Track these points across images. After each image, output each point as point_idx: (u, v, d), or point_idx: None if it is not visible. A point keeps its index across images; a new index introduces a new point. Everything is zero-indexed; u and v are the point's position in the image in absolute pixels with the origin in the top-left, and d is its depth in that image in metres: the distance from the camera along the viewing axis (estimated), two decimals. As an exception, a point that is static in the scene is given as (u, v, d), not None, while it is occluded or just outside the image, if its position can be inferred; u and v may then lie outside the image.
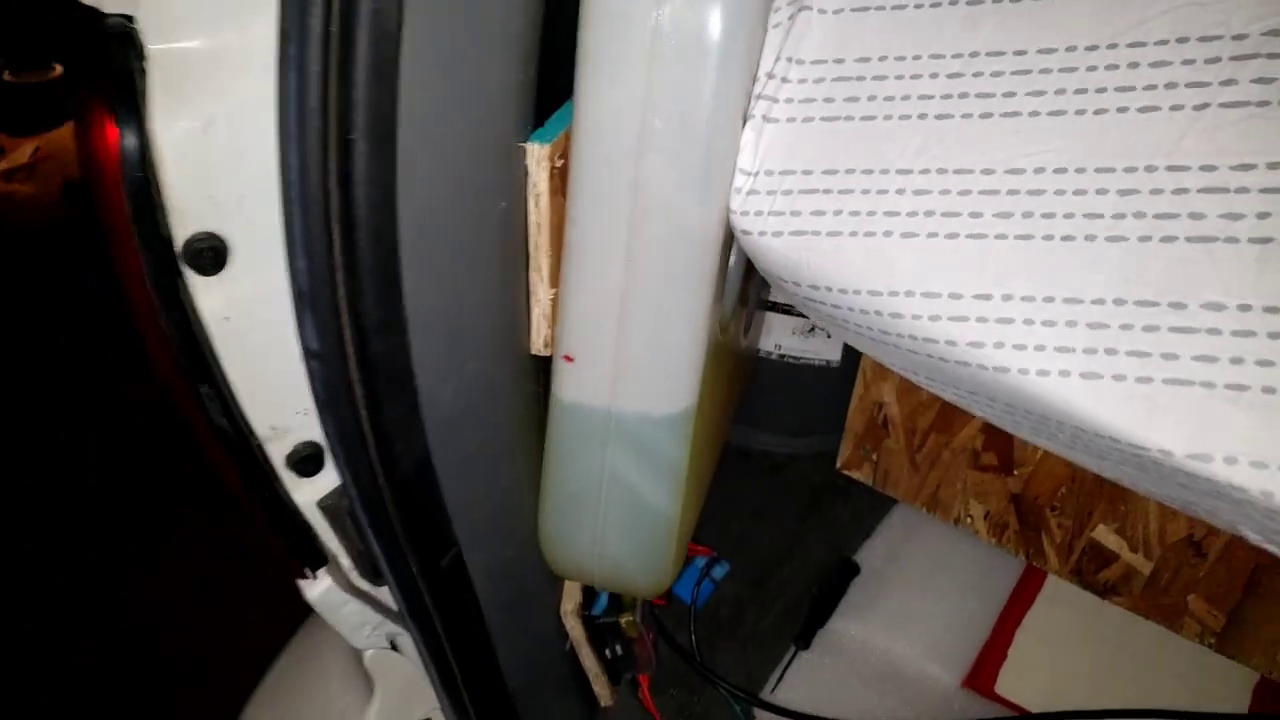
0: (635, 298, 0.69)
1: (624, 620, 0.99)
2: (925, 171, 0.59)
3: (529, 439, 0.81)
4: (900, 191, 0.60)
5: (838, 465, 1.34)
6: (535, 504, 0.83)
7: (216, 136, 0.56)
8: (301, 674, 1.05)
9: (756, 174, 0.65)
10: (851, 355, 1.41)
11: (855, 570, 1.41)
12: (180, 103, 0.54)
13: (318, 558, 0.80)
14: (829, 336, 1.40)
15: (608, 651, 1.02)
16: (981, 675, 1.30)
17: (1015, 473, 1.16)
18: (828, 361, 1.42)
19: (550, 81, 0.69)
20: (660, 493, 0.78)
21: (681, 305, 0.69)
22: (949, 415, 1.18)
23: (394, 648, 0.96)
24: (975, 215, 0.57)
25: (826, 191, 0.62)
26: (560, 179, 0.70)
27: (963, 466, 1.21)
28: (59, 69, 3.51)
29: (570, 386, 0.75)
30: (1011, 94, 0.56)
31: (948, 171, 0.59)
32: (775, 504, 1.48)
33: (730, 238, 0.69)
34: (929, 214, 0.59)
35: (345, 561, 0.82)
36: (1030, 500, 1.16)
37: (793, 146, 0.64)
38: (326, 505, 0.75)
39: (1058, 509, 1.13)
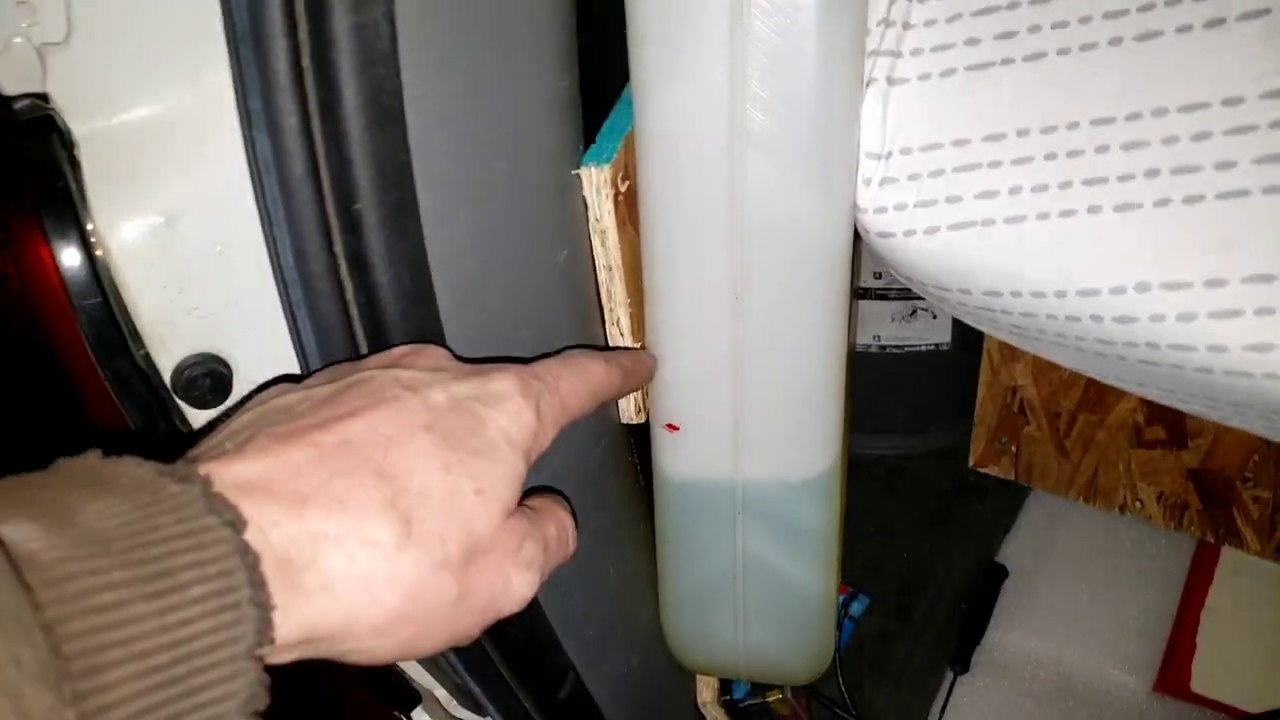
0: (751, 340, 0.53)
1: (772, 699, 0.84)
2: (1135, 116, 0.43)
3: (634, 526, 0.66)
4: (1102, 149, 0.44)
5: (971, 463, 1.17)
6: (654, 600, 0.68)
7: (187, 229, 0.42)
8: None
9: (889, 155, 0.49)
10: (963, 334, 1.24)
11: (1003, 573, 1.24)
12: (132, 194, 0.41)
13: (410, 697, 0.67)
14: (934, 317, 1.23)
15: (756, 734, 0.88)
16: (1173, 675, 1.12)
17: (1190, 444, 0.98)
18: (936, 345, 1.25)
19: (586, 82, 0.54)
20: (807, 568, 0.62)
21: (810, 341, 0.53)
22: (1099, 390, 1.01)
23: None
24: (1224, 166, 0.41)
25: (994, 164, 0.46)
26: (628, 205, 0.54)
27: (1123, 446, 1.03)
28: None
29: (679, 461, 0.60)
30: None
31: (1169, 111, 0.42)
32: (901, 516, 1.31)
33: (855, 246, 0.53)
34: (1151, 173, 0.42)
35: (442, 694, 0.68)
36: (1214, 474, 0.98)
37: (934, 111, 0.48)
38: (408, 644, 0.61)
39: (1251, 480, 0.96)
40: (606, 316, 0.57)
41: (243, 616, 0.26)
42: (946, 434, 1.34)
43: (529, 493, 0.39)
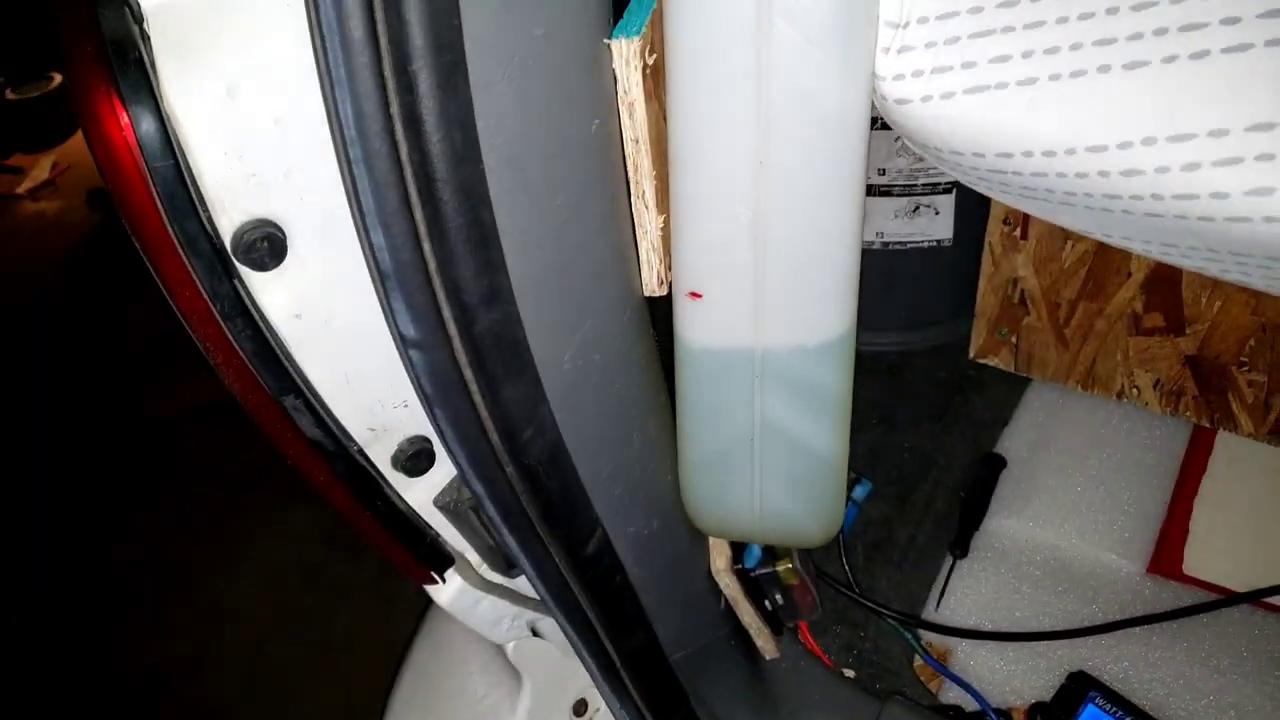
0: (773, 208, 0.56)
1: (782, 568, 0.88)
2: (1146, -24, 0.45)
3: (655, 395, 0.70)
4: (1112, 10, 0.46)
5: (971, 355, 1.21)
6: (673, 468, 0.72)
7: (245, 100, 0.44)
8: (437, 675, 0.97)
9: (907, 25, 0.51)
10: (964, 231, 1.26)
11: (1001, 464, 1.29)
12: (195, 66, 0.43)
13: (443, 559, 0.72)
14: (936, 213, 1.25)
15: (767, 603, 0.93)
16: (1166, 557, 1.17)
17: (1188, 331, 1.02)
18: (938, 241, 1.28)
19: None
20: (823, 432, 0.66)
21: (831, 208, 0.56)
22: (1099, 279, 1.04)
23: (535, 633, 0.88)
24: (1230, 21, 0.43)
25: (1007, 30, 0.48)
26: (655, 79, 0.57)
27: (1121, 334, 1.07)
28: (59, 78, 3.42)
29: (700, 328, 0.63)
30: None
31: (1180, -29, 0.44)
32: (902, 408, 1.35)
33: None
34: (1160, 32, 0.45)
35: (474, 557, 0.73)
36: (1210, 360, 1.02)
37: (951, -21, 0.50)
38: (445, 503, 0.66)
39: (1247, 364, 0.99)
40: (633, 189, 0.60)
41: None
42: (946, 330, 1.37)
43: None
